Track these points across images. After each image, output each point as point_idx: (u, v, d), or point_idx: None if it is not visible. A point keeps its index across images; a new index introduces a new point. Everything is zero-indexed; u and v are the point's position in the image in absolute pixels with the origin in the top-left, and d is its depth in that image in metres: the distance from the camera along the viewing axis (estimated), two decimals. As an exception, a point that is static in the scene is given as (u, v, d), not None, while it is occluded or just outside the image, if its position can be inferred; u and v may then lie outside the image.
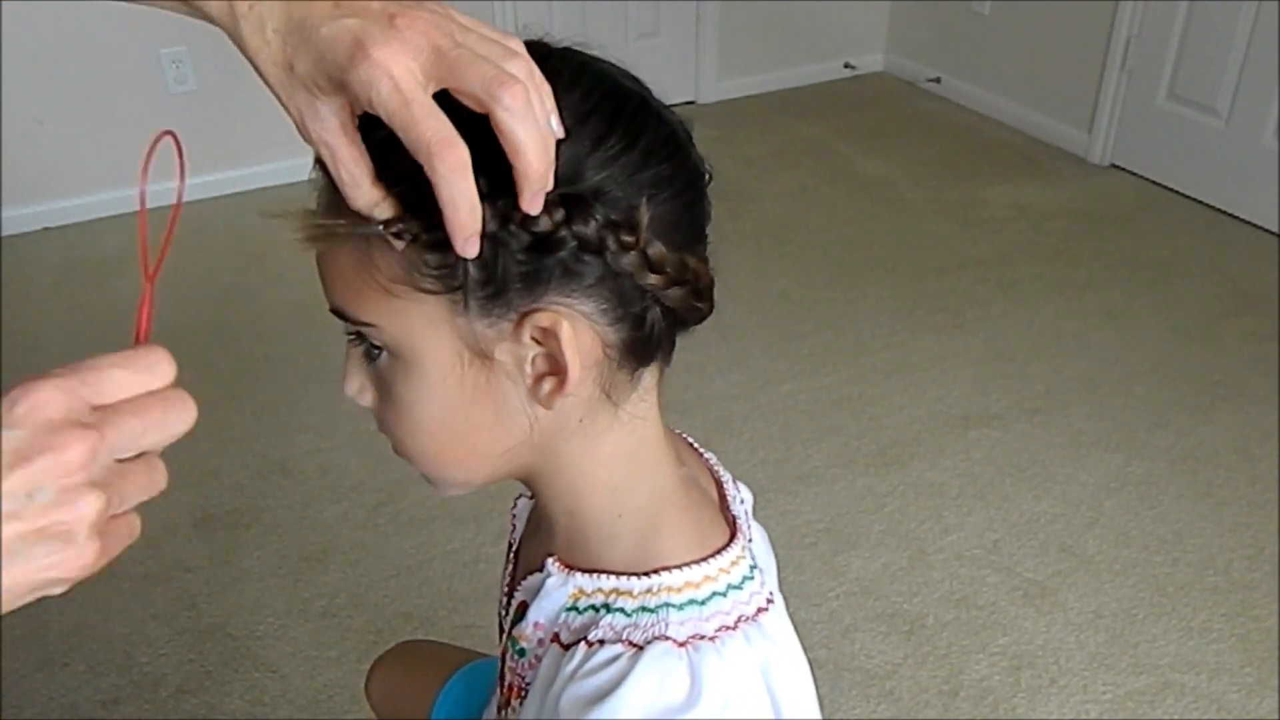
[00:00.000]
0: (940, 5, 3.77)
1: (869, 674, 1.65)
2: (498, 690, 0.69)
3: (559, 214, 0.47)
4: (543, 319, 0.49)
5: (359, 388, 0.56)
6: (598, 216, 0.48)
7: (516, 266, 0.48)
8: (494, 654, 1.05)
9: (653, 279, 0.50)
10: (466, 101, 0.45)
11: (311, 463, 2.09)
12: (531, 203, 0.46)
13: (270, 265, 2.78)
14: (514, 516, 0.73)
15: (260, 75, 0.48)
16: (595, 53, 0.54)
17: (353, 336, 0.54)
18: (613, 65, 0.53)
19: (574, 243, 0.48)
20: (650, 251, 0.50)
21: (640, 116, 0.51)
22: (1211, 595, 1.78)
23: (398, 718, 1.04)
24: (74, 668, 1.67)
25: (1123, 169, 3.28)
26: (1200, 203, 3.05)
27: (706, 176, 0.55)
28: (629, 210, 0.49)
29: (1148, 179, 3.20)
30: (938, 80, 3.84)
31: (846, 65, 4.00)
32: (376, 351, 0.53)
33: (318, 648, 1.69)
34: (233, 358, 2.41)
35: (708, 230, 0.55)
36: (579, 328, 0.50)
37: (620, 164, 0.50)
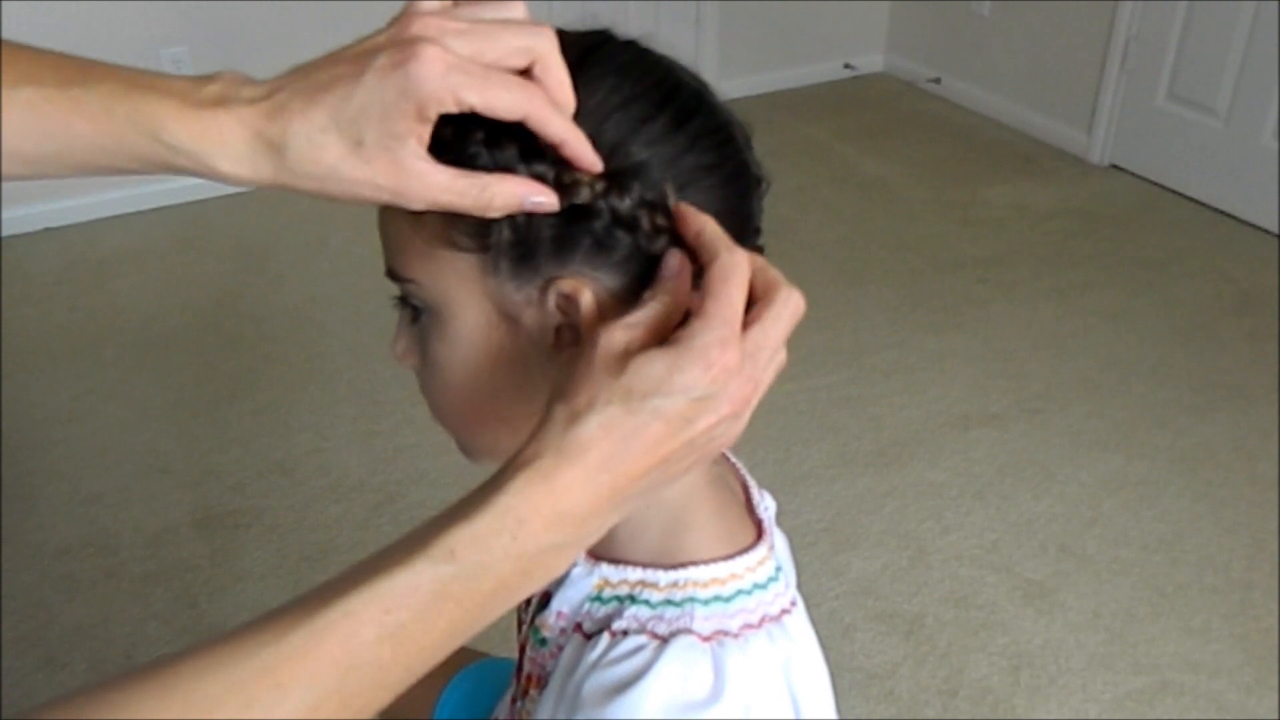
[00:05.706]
0: (940, 5, 3.77)
1: (869, 674, 1.65)
2: (513, 683, 0.69)
3: (599, 185, 0.48)
4: (565, 284, 0.50)
5: (404, 350, 0.57)
6: (634, 194, 0.48)
7: (548, 231, 0.49)
8: (496, 654, 1.05)
9: None
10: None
11: (311, 463, 2.09)
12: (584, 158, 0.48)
13: (270, 266, 2.78)
14: None
15: (333, 191, 0.46)
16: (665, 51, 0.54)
17: (399, 299, 0.56)
18: (675, 61, 0.54)
19: (608, 217, 0.48)
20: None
21: (691, 105, 0.52)
22: (1211, 595, 1.78)
23: (399, 717, 1.04)
24: (74, 668, 1.66)
25: (1122, 169, 3.28)
26: (1200, 203, 3.05)
27: (761, 181, 0.55)
28: (666, 193, 0.49)
29: (1147, 179, 3.20)
30: (938, 80, 3.84)
31: (846, 65, 4.00)
32: (417, 311, 0.55)
33: (318, 648, 1.69)
34: (233, 358, 2.42)
35: (760, 232, 0.55)
36: (604, 301, 0.50)
37: (663, 146, 0.50)
